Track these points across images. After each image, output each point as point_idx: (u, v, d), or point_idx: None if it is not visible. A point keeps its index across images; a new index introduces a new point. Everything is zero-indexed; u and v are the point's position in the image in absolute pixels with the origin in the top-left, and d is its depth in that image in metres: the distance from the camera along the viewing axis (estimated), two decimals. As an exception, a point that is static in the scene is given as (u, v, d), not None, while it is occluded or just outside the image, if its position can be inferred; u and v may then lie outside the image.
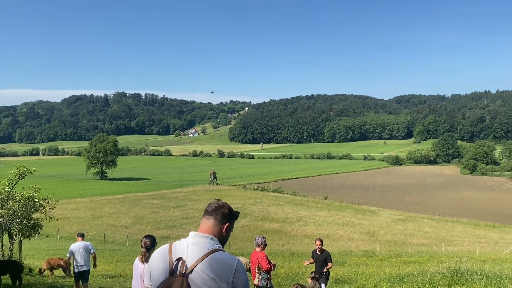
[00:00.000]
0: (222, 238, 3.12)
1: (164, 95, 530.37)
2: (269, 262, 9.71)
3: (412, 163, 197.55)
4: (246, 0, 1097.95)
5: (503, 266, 24.25)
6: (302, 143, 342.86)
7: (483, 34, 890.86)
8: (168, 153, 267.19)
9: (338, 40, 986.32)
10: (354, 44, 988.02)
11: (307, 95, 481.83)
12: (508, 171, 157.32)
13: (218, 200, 3.29)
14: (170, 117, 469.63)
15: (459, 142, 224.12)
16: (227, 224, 3.14)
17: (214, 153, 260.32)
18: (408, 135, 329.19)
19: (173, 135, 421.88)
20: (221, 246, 3.06)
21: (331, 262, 12.11)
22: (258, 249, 9.90)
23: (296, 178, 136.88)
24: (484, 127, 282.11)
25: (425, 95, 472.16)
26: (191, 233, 3.10)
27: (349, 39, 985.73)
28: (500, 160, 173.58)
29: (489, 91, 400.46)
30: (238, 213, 3.33)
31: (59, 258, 19.69)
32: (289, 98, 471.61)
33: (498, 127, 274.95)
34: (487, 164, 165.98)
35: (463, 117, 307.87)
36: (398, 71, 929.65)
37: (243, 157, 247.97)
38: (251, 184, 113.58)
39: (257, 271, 9.64)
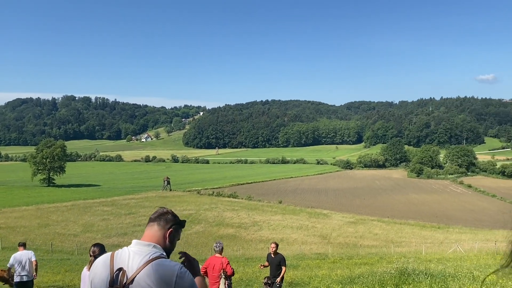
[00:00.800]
0: (166, 245, 3.03)
1: (116, 99, 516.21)
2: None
3: (362, 167, 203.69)
4: (199, 2, 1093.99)
5: (446, 265, 25.51)
6: (257, 148, 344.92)
7: (429, 44, 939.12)
8: (119, 158, 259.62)
9: (291, 47, 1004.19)
10: (307, 51, 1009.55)
11: (262, 101, 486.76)
12: (452, 174, 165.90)
13: (162, 207, 3.24)
14: (122, 121, 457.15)
15: (406, 146, 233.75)
16: (170, 230, 3.07)
17: (168, 159, 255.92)
18: (359, 140, 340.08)
19: (125, 140, 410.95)
20: (164, 254, 2.94)
21: (284, 265, 12.25)
22: (218, 255, 9.93)
23: (251, 182, 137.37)
24: (429, 133, 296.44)
25: (374, 101, 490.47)
26: (134, 242, 3.00)
27: (302, 46, 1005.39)
28: (444, 163, 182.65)
29: (433, 98, 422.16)
30: (184, 221, 3.26)
31: (0, 270, 18.59)
32: (244, 103, 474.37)
33: (442, 133, 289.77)
34: (432, 168, 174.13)
35: (409, 123, 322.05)
36: (349, 78, 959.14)
37: (197, 162, 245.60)
38: (206, 189, 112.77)
39: (222, 276, 9.66)
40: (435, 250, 44.62)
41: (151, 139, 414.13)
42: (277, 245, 12.37)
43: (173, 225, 3.11)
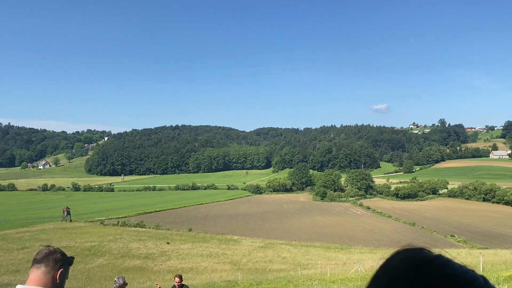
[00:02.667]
0: (56, 286, 2.85)
1: (9, 123, 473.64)
2: None
3: (271, 191, 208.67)
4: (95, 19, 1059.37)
5: (348, 285, 26.81)
6: (167, 174, 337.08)
7: (330, 74, 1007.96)
8: (12, 187, 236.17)
9: (201, 73, 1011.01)
10: (217, 79, 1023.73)
11: (172, 125, 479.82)
12: (352, 196, 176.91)
13: (48, 246, 3.07)
14: (16, 147, 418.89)
15: (311, 171, 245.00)
16: (61, 270, 2.89)
17: (68, 187, 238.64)
18: (268, 165, 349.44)
19: (19, 168, 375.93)
20: None
21: (191, 298, 11.93)
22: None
23: (160, 210, 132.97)
24: (331, 158, 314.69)
25: (281, 128, 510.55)
26: (18, 287, 2.74)
27: (212, 73, 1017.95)
28: (345, 187, 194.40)
29: (334, 125, 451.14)
30: (73, 258, 3.13)
31: None
32: (153, 128, 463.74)
33: (343, 158, 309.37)
34: (335, 191, 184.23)
35: (314, 148, 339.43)
36: (258, 105, 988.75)
37: (101, 191, 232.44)
38: (111, 219, 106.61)
39: None
40: (339, 270, 46.64)
41: (50, 166, 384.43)
42: (181, 278, 12.06)
43: (63, 265, 2.92)
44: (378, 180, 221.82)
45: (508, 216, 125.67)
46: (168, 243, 73.34)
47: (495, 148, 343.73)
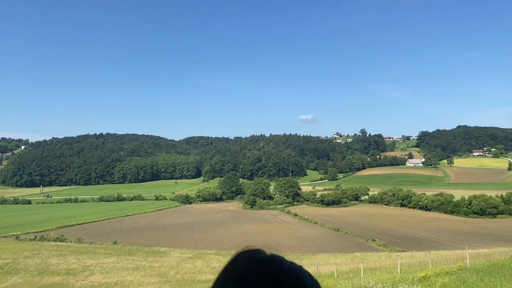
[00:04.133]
0: None
1: None
2: None
3: (201, 201, 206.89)
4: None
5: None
6: (90, 185, 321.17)
7: (261, 85, 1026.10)
8: None
9: (127, 80, 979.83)
10: (143, 86, 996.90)
11: (95, 134, 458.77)
12: (280, 204, 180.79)
13: None
14: None
15: (241, 180, 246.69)
16: None
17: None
18: (197, 174, 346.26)
19: None
20: None
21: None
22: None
23: (82, 223, 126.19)
24: (261, 166, 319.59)
25: (212, 136, 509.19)
26: None
27: (138, 79, 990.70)
28: (274, 195, 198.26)
29: (264, 135, 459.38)
30: None
31: None
32: (75, 136, 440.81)
33: (272, 166, 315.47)
34: (264, 199, 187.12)
35: (244, 157, 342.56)
36: (188, 113, 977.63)
37: (17, 203, 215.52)
38: (27, 234, 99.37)
39: None
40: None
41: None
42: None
43: None
44: (305, 187, 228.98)
45: (423, 220, 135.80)
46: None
47: (410, 156, 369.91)
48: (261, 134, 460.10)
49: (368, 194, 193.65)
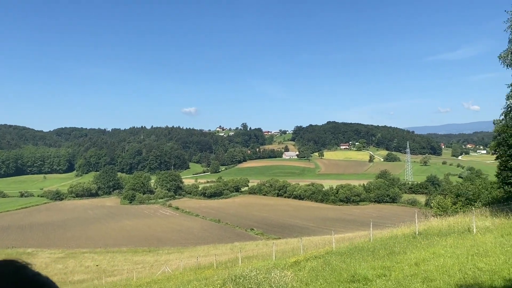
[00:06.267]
0: None
1: None
2: None
3: (74, 197, 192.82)
4: None
5: (154, 287, 26.97)
6: None
7: (137, 74, 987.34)
8: None
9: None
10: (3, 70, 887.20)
11: None
12: (162, 198, 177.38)
13: None
14: None
15: (119, 174, 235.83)
16: None
17: None
18: (70, 169, 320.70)
19: None
20: None
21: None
22: None
23: None
24: (141, 159, 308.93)
25: (86, 128, 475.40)
26: None
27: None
28: (155, 189, 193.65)
29: (145, 127, 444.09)
30: None
31: None
32: None
33: (153, 159, 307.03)
34: (144, 194, 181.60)
35: (122, 150, 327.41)
36: (59, 102, 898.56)
37: None
38: None
39: None
40: (146, 274, 46.21)
41: None
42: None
43: None
44: (187, 180, 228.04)
45: (297, 209, 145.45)
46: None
47: (286, 149, 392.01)
48: (142, 126, 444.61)
49: (248, 186, 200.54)
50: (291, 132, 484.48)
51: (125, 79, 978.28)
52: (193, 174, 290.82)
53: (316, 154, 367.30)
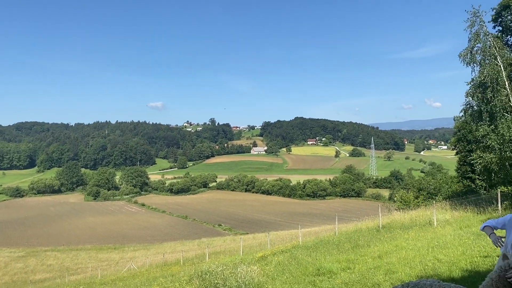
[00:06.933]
0: None
1: None
2: None
3: (35, 193, 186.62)
4: None
5: (119, 285, 26.48)
6: None
7: (100, 67, 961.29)
8: None
9: None
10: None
11: None
12: (127, 194, 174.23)
13: None
14: None
15: (83, 170, 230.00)
16: None
17: None
18: (31, 164, 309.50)
19: None
20: None
21: None
22: None
23: None
24: (106, 155, 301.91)
25: (48, 122, 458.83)
26: None
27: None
28: (120, 185, 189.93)
29: (109, 121, 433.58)
30: None
31: None
32: None
33: (118, 155, 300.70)
34: (109, 190, 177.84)
35: (86, 145, 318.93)
36: (18, 95, 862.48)
37: None
38: None
39: None
40: (111, 271, 45.39)
41: None
42: None
43: None
44: (154, 176, 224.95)
45: (265, 204, 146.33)
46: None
47: (255, 145, 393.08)
48: (107, 121, 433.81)
49: (216, 181, 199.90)
50: (260, 127, 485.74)
51: (89, 72, 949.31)
52: (160, 170, 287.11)
53: (284, 149, 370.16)
